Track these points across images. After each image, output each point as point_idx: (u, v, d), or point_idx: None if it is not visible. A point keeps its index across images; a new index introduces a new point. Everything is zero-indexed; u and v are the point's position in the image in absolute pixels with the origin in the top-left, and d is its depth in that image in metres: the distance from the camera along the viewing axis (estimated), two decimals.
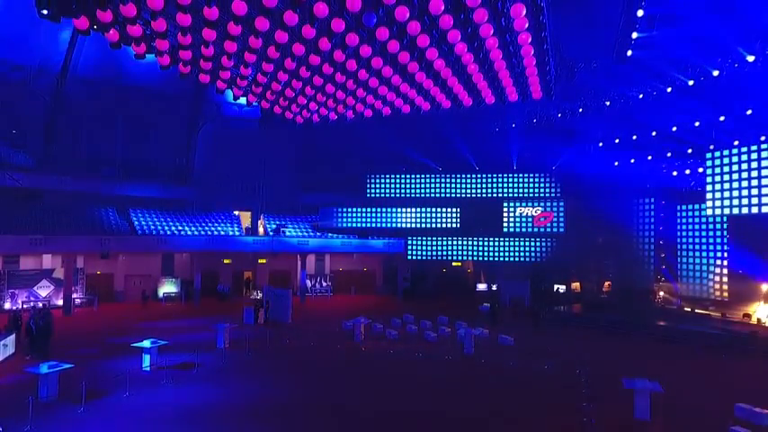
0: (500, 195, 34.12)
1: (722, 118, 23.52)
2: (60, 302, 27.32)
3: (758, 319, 22.24)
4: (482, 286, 35.64)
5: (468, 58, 13.49)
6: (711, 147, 25.04)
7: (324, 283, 35.95)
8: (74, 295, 27.92)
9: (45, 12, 11.18)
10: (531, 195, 33.55)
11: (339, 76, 15.00)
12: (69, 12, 11.10)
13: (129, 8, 11.02)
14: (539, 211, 33.10)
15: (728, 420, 11.68)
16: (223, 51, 13.21)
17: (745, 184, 23.50)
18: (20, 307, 25.88)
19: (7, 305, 26.77)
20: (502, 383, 15.34)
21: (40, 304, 25.36)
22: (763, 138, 22.91)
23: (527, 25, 12.32)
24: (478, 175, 34.55)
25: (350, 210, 35.62)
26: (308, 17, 11.49)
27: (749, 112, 22.42)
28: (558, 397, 13.86)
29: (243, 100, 18.66)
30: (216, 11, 11.28)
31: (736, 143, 24.05)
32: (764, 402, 12.60)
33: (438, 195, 35.06)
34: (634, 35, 18.25)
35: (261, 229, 36.01)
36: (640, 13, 16.68)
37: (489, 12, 11.50)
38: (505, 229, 33.75)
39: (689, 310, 25.19)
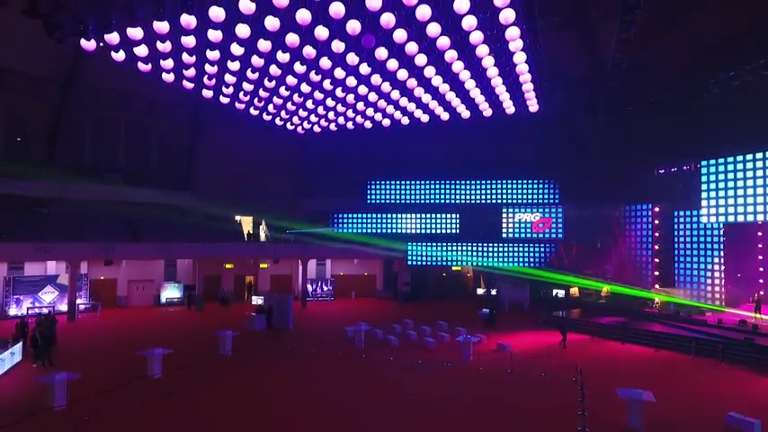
0: (499, 201, 34.42)
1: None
2: (65, 308, 27.68)
3: (755, 326, 22.45)
4: (481, 291, 35.95)
5: (466, 75, 13.86)
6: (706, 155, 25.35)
7: (325, 288, 36.23)
8: (78, 301, 28.26)
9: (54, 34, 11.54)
10: (529, 201, 33.86)
11: (339, 91, 15.40)
12: (78, 35, 11.44)
13: (136, 31, 11.38)
14: (537, 217, 33.43)
15: (720, 429, 11.93)
16: (226, 69, 13.59)
17: (740, 192, 23.79)
18: (25, 313, 26.22)
19: (12, 311, 27.14)
20: (498, 389, 15.62)
21: (45, 310, 25.71)
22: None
23: (522, 46, 12.68)
24: (478, 181, 34.82)
25: (350, 215, 35.96)
26: (310, 39, 11.89)
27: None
28: (553, 403, 14.15)
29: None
30: (220, 33, 11.64)
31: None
32: (757, 409, 12.89)
33: (438, 201, 35.37)
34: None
35: (262, 235, 36.32)
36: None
37: (486, 34, 11.86)
38: (504, 235, 34.08)
39: (685, 315, 25.46)
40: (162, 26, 11.10)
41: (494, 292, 34.53)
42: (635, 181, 30.15)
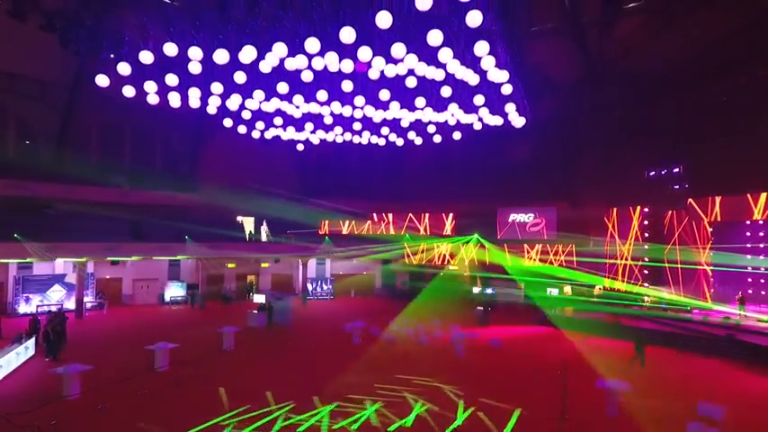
0: (494, 201, 35.15)
1: None
2: (72, 306, 28.57)
3: (737, 323, 23.24)
4: (477, 290, 36.71)
5: (454, 106, 14.78)
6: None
7: (325, 287, 37.03)
8: (85, 299, 29.13)
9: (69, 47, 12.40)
10: (523, 202, 34.60)
11: (336, 108, 16.46)
12: (93, 49, 12.28)
13: (147, 56, 12.25)
14: (531, 218, 34.17)
15: (691, 417, 12.73)
16: (230, 94, 14.59)
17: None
18: (36, 311, 27.15)
19: (21, 309, 28.07)
20: (489, 381, 16.46)
21: (54, 308, 26.59)
22: None
23: (505, 61, 13.52)
24: (473, 182, 35.52)
25: (350, 215, 36.86)
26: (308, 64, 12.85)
27: None
28: (538, 393, 15.00)
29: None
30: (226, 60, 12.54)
31: None
32: (731, 400, 13.69)
33: (435, 202, 36.16)
34: None
35: (263, 235, 37.14)
36: None
37: (461, 60, 12.75)
38: (499, 235, 34.86)
39: (673, 312, 26.28)
40: (171, 50, 11.91)
41: (489, 290, 35.31)
42: (627, 180, 30.89)
